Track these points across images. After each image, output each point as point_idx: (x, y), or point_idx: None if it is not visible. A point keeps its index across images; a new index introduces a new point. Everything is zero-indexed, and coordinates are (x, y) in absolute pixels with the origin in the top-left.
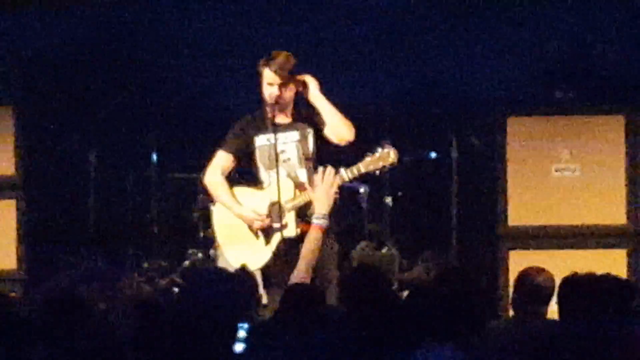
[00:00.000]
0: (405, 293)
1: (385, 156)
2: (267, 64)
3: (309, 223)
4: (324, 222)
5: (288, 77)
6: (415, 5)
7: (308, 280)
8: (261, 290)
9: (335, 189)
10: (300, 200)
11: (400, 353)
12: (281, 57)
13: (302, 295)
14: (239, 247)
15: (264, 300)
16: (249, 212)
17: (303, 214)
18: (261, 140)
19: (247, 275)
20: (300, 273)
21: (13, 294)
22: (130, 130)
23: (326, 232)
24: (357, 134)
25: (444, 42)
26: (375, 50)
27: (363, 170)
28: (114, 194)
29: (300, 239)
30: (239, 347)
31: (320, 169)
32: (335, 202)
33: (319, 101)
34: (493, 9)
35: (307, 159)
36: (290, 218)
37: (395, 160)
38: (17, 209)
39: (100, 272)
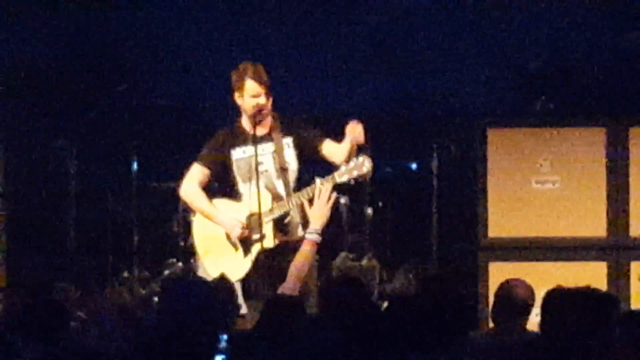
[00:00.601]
0: (386, 304)
1: (359, 165)
2: (249, 75)
3: (286, 234)
4: (317, 238)
5: (269, 87)
6: (397, 15)
7: (296, 292)
8: (241, 301)
9: (330, 204)
10: (278, 211)
11: None
12: (258, 67)
13: (282, 307)
14: (219, 258)
15: (243, 310)
16: (229, 218)
17: (281, 225)
18: (238, 154)
19: (225, 284)
20: (289, 286)
21: None
22: (111, 138)
23: (317, 247)
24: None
25: (424, 53)
26: (356, 59)
27: (337, 179)
28: (95, 203)
29: (278, 249)
30: (218, 359)
31: (318, 184)
32: (330, 219)
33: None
34: (474, 19)
35: (283, 169)
36: (268, 229)
37: (370, 169)
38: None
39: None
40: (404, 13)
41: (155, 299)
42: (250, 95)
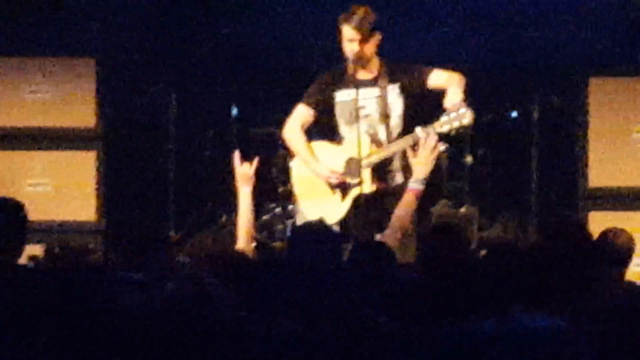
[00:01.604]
0: (484, 252)
1: (461, 117)
2: (346, 20)
3: (385, 181)
4: (420, 187)
5: (368, 33)
6: None
7: (397, 242)
8: None
9: (435, 154)
10: (378, 157)
11: (483, 318)
12: (360, 12)
13: (371, 251)
14: (316, 201)
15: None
16: (324, 169)
17: (380, 171)
18: (342, 96)
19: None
20: (390, 234)
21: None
22: (211, 83)
23: (420, 196)
24: (438, 94)
25: (527, 1)
26: (458, 7)
27: (438, 129)
28: (194, 148)
29: (377, 195)
30: None
31: (423, 133)
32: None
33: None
34: None
35: (386, 115)
36: (366, 174)
37: (471, 121)
38: (97, 161)
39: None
40: None
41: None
42: (347, 39)
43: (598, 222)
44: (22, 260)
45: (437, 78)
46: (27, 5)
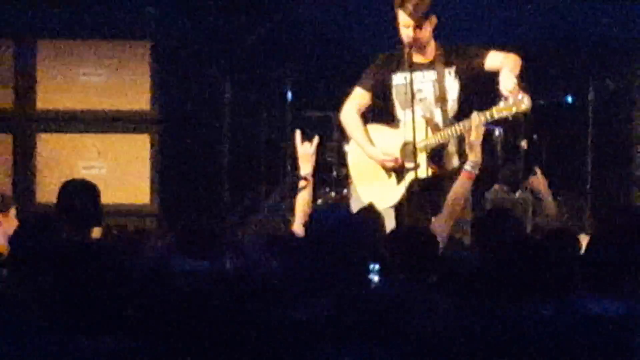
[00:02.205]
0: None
1: (519, 103)
2: (400, 6)
3: (441, 165)
4: (475, 170)
5: (423, 18)
6: None
7: (450, 225)
8: (394, 226)
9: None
10: (434, 141)
11: (540, 302)
12: None
13: (411, 239)
14: (372, 184)
15: None
16: (379, 153)
17: (436, 155)
18: (398, 79)
19: (372, 213)
20: (444, 217)
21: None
22: (266, 67)
23: (473, 180)
24: (494, 77)
25: None
26: None
27: (496, 116)
28: (249, 131)
29: (433, 180)
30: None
31: (475, 115)
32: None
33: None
34: None
35: (443, 99)
36: (422, 158)
37: (529, 107)
38: (151, 144)
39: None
40: None
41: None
42: (402, 25)
43: None
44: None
45: (494, 59)
46: None
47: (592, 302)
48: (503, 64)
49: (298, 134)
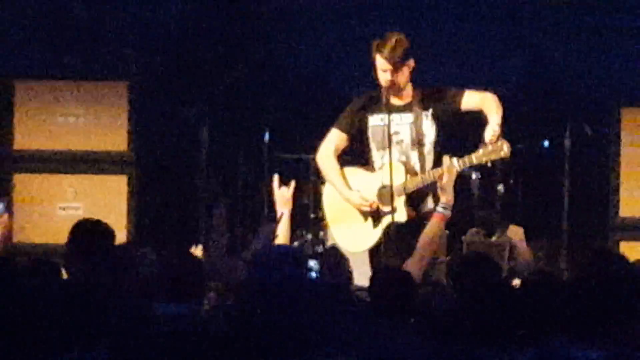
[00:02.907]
0: (516, 281)
1: (498, 149)
2: (378, 50)
3: (417, 209)
4: (447, 212)
5: (400, 62)
6: None
7: (422, 267)
8: (368, 271)
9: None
10: (412, 185)
11: (518, 348)
12: (392, 41)
13: (391, 279)
14: (348, 227)
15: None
16: (356, 197)
17: (413, 199)
18: (375, 120)
19: (336, 254)
20: (415, 260)
21: None
22: (243, 108)
23: (446, 222)
24: (469, 120)
25: (560, 29)
26: (490, 35)
27: (475, 162)
28: (225, 172)
29: (409, 224)
30: None
31: (446, 157)
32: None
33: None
34: None
35: (420, 141)
36: (400, 202)
37: (508, 153)
38: (129, 185)
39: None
40: None
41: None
42: (380, 69)
43: (629, 252)
44: None
45: (470, 99)
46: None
47: (570, 349)
48: (482, 104)
49: (276, 177)
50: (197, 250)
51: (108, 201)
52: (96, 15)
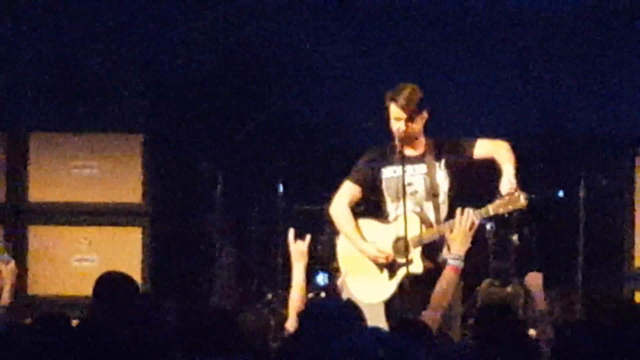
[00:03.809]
0: (531, 331)
1: (515, 200)
2: (392, 99)
3: (434, 260)
4: (460, 264)
5: (415, 111)
6: (541, 39)
7: (437, 320)
8: (384, 323)
9: (473, 231)
10: (427, 236)
11: None
12: (407, 91)
13: (409, 331)
14: (363, 279)
15: None
16: (372, 249)
17: (428, 250)
18: (388, 172)
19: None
20: (431, 313)
21: None
22: (257, 159)
23: (460, 273)
24: (484, 171)
25: (572, 78)
26: (502, 84)
27: (492, 213)
28: (240, 225)
29: (425, 275)
30: None
31: (459, 210)
32: (475, 245)
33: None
34: (624, 44)
35: (434, 192)
36: (416, 254)
37: (525, 204)
38: (143, 237)
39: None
40: (550, 37)
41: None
42: (394, 118)
43: None
44: None
45: (483, 148)
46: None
47: None
48: (495, 152)
49: (291, 231)
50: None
51: (123, 252)
52: (110, 68)
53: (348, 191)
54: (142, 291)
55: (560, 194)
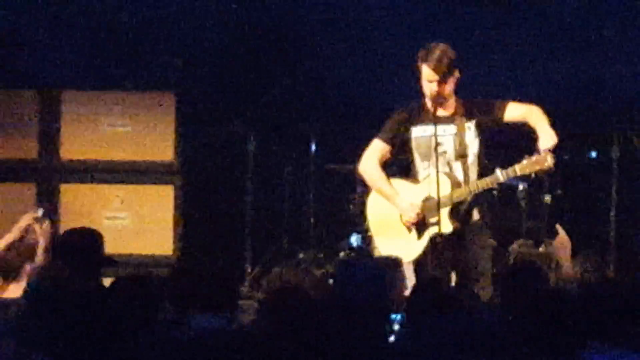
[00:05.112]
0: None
1: (542, 160)
2: (424, 60)
3: (460, 221)
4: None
5: (446, 72)
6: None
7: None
8: (411, 283)
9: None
10: (456, 196)
11: (563, 353)
12: (438, 51)
13: (432, 289)
14: (392, 238)
15: None
16: (404, 202)
17: (456, 209)
18: (418, 131)
19: (396, 265)
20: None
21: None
22: (289, 119)
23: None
24: (516, 132)
25: (606, 38)
26: (536, 46)
27: (519, 173)
28: (272, 183)
29: (453, 235)
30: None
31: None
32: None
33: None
34: None
35: (463, 153)
36: (444, 214)
37: (552, 165)
38: (175, 195)
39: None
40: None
41: (330, 280)
42: (426, 79)
43: None
44: None
45: (514, 111)
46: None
47: (609, 355)
48: (527, 116)
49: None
50: None
51: (154, 210)
52: (143, 25)
53: (377, 149)
54: (173, 247)
55: (593, 154)
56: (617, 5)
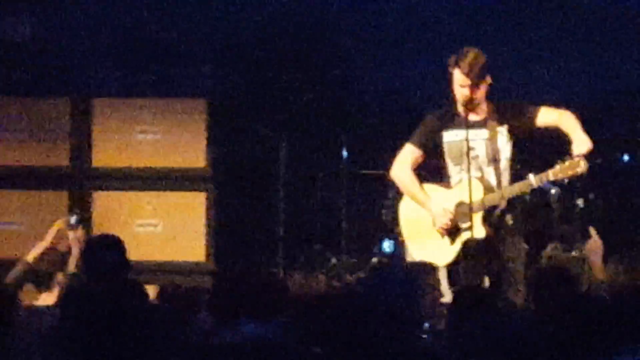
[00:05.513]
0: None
1: (575, 165)
2: (457, 65)
3: (493, 226)
4: None
5: (478, 78)
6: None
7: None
8: (445, 288)
9: None
10: (489, 200)
11: (596, 357)
12: (470, 57)
13: (474, 297)
14: (424, 243)
15: (448, 298)
16: (438, 207)
17: (489, 215)
18: (450, 136)
19: (429, 271)
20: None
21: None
22: (321, 124)
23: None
24: (548, 136)
25: (637, 40)
26: (568, 47)
27: (552, 178)
28: (304, 189)
29: (486, 240)
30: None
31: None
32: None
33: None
34: None
35: (495, 157)
36: (477, 219)
37: (585, 170)
38: (207, 202)
39: None
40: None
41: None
42: (458, 84)
43: None
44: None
45: (546, 116)
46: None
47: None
48: (560, 122)
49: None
50: None
51: (186, 217)
52: (175, 33)
53: (409, 154)
54: (206, 254)
55: (625, 158)
56: None
